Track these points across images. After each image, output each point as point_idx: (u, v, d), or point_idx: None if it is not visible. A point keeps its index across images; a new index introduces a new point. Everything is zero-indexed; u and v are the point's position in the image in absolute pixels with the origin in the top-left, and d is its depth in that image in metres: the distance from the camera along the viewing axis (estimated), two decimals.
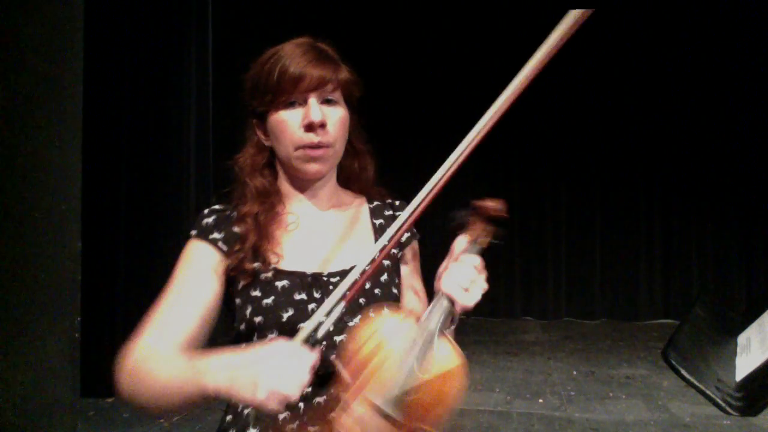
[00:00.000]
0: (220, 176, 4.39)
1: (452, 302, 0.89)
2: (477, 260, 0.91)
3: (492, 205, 1.01)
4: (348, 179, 1.14)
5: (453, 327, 0.98)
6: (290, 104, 1.00)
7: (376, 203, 1.16)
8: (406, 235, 1.14)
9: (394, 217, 1.15)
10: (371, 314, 0.91)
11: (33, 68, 2.20)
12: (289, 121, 1.00)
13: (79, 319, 2.41)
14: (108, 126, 4.12)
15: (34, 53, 2.20)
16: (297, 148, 1.00)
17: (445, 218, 0.99)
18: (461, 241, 0.95)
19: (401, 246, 1.14)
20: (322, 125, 0.99)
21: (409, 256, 1.16)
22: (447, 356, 0.87)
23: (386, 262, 1.09)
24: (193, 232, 1.03)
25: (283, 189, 1.08)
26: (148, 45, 4.17)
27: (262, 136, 1.06)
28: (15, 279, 2.11)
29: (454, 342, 0.89)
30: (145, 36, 4.17)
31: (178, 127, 4.20)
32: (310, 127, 0.98)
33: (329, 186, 1.10)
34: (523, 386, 4.44)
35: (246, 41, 5.01)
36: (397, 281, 1.10)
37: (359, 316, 0.99)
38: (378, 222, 1.14)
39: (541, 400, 4.12)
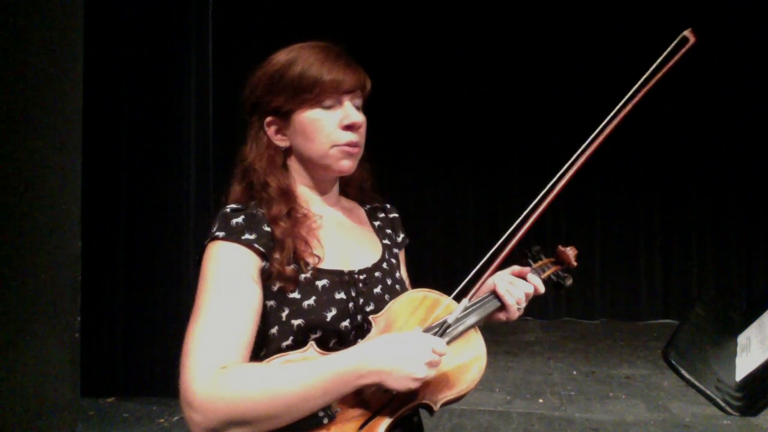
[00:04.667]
0: (220, 176, 4.39)
1: (501, 307, 1.05)
2: (531, 288, 1.08)
3: (570, 253, 1.20)
4: (347, 184, 1.16)
5: None
6: (327, 104, 1.02)
7: (368, 206, 1.20)
8: (402, 235, 1.20)
9: (388, 219, 1.20)
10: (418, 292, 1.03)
11: (33, 68, 2.20)
12: (326, 120, 1.01)
13: (79, 319, 2.40)
14: (108, 126, 4.12)
15: (34, 53, 2.20)
16: (333, 146, 1.02)
17: (523, 247, 1.16)
18: (526, 268, 1.13)
19: (399, 246, 1.18)
20: (359, 127, 1.03)
21: (403, 258, 1.20)
22: (480, 350, 0.98)
23: (393, 261, 1.13)
24: (221, 234, 0.96)
25: (297, 191, 1.07)
26: (148, 45, 4.17)
27: (275, 136, 1.05)
28: (15, 279, 2.11)
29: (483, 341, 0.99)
30: (145, 36, 4.17)
31: (178, 127, 4.20)
32: (350, 127, 1.02)
33: (336, 190, 1.12)
34: (523, 386, 4.44)
35: (246, 41, 5.00)
36: (402, 279, 1.15)
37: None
38: (377, 224, 1.17)
39: (541, 400, 4.12)
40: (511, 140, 7.16)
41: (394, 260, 1.13)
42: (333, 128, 1.01)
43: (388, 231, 1.17)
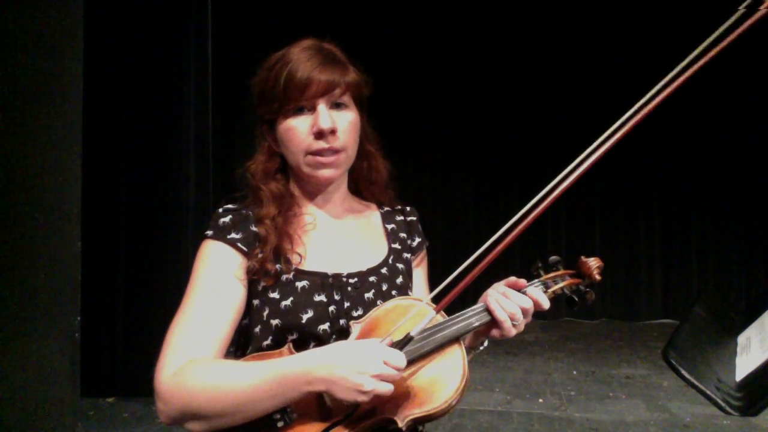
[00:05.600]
0: (220, 177, 4.39)
1: (491, 322, 0.96)
2: (529, 302, 0.98)
3: (593, 264, 1.09)
4: (358, 181, 1.13)
5: (480, 350, 1.05)
6: (299, 111, 0.98)
7: (386, 209, 1.16)
8: (418, 240, 1.15)
9: (406, 222, 1.16)
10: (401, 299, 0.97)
11: (33, 68, 2.20)
12: (297, 129, 0.98)
13: (79, 319, 2.40)
14: (108, 126, 4.12)
15: (34, 53, 2.20)
16: (307, 155, 0.99)
17: (539, 255, 1.05)
18: (534, 280, 1.03)
19: (413, 251, 1.14)
20: (332, 131, 0.97)
21: (419, 261, 1.16)
22: (457, 367, 0.89)
23: (400, 266, 1.09)
24: (209, 233, 0.98)
25: (296, 193, 1.07)
26: (147, 45, 4.17)
27: (272, 143, 1.05)
28: (15, 279, 2.11)
29: (466, 355, 0.91)
30: (145, 36, 4.17)
31: (178, 128, 4.20)
32: (320, 135, 0.97)
33: (341, 191, 1.09)
34: (523, 386, 4.44)
35: (246, 42, 5.00)
36: (410, 284, 1.11)
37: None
38: (390, 227, 1.14)
39: (541, 400, 4.12)
40: (515, 140, 7.15)
41: (401, 265, 1.09)
42: (305, 136, 0.98)
43: (402, 235, 1.14)
